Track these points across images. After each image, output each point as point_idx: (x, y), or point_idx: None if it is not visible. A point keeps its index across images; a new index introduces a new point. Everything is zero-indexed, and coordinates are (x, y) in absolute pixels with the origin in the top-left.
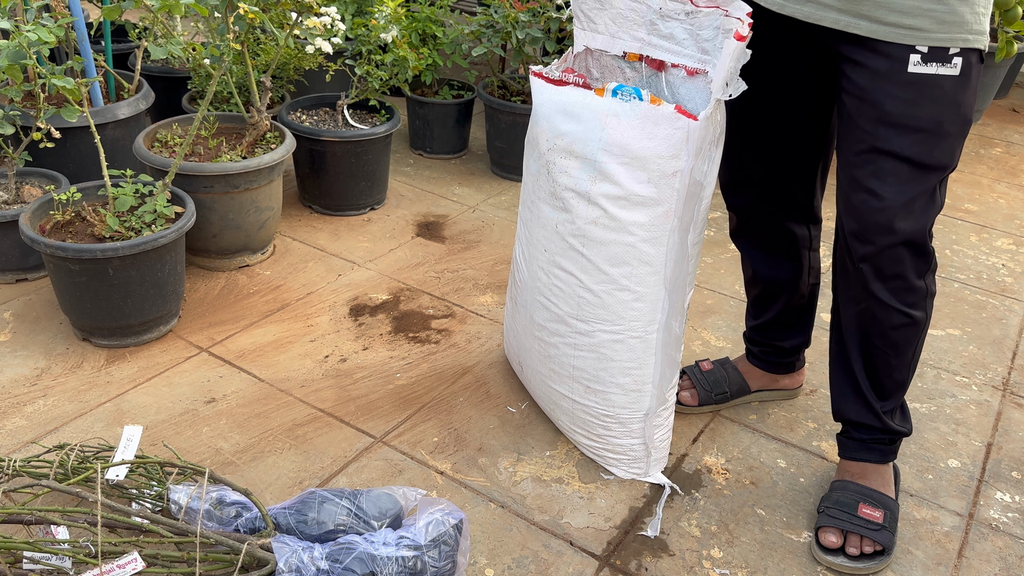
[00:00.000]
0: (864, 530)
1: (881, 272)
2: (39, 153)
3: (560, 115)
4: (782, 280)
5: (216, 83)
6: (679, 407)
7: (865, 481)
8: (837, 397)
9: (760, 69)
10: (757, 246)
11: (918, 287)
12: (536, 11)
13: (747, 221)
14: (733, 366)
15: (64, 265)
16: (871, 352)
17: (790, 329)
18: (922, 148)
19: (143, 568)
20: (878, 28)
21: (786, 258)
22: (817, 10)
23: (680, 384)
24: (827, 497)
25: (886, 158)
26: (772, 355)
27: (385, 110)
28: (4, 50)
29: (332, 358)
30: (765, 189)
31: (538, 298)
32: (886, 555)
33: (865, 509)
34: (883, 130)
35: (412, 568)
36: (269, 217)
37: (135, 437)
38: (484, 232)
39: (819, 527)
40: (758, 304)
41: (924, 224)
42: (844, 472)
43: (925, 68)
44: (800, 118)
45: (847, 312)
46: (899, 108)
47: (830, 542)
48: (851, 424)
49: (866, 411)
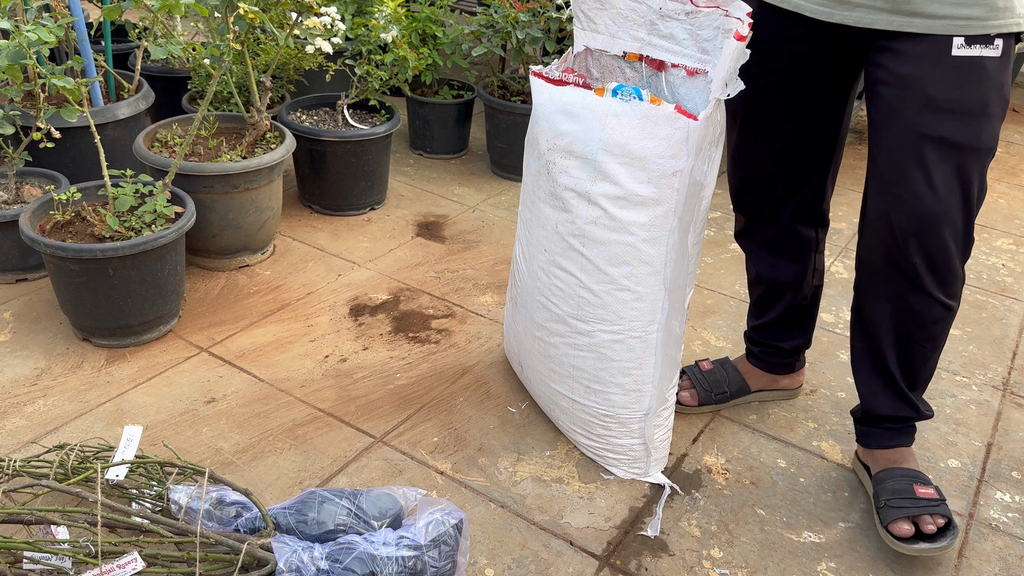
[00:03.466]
0: (929, 508)
1: (934, 264)
2: (39, 153)
3: (560, 115)
4: (786, 281)
5: (216, 83)
6: (678, 407)
7: (906, 464)
8: (869, 396)
9: (780, 73)
10: (763, 247)
11: (960, 275)
12: (536, 11)
13: (755, 223)
14: (733, 366)
15: (64, 265)
16: (908, 347)
17: (791, 330)
18: (971, 132)
19: (143, 568)
20: (932, 23)
21: (792, 259)
22: (868, 14)
23: (680, 384)
24: (882, 490)
25: (935, 145)
26: (772, 355)
27: (385, 110)
28: (4, 50)
29: (332, 358)
30: (776, 191)
31: (538, 298)
32: (954, 527)
33: (920, 489)
34: (930, 116)
35: (412, 568)
36: (269, 217)
37: (135, 437)
38: (484, 232)
39: (889, 521)
40: (760, 304)
41: (974, 210)
42: (883, 461)
43: (969, 51)
44: (817, 120)
45: (879, 310)
46: (946, 92)
47: (904, 531)
48: (886, 418)
49: (901, 404)
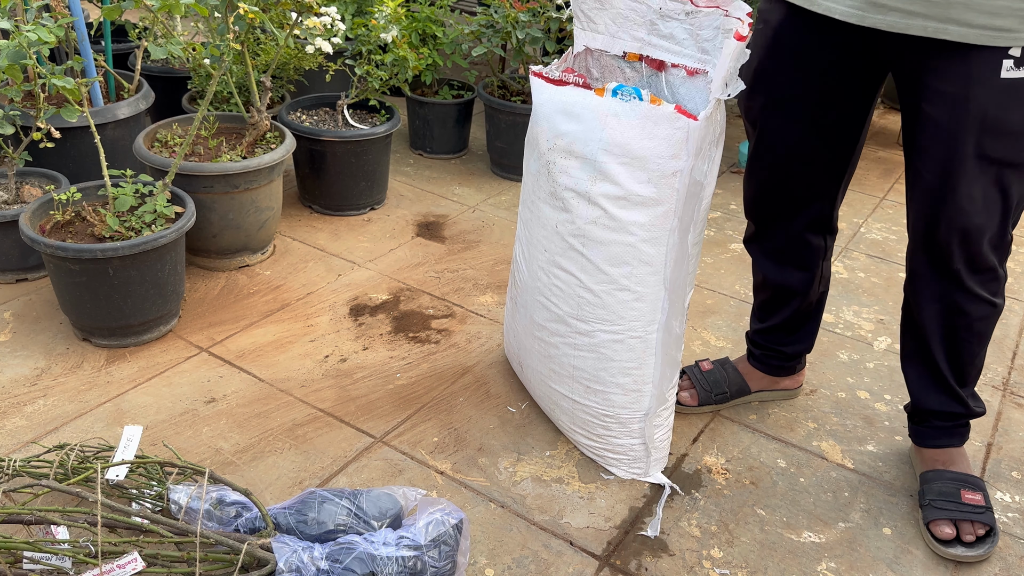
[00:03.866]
0: (973, 515)
1: (976, 268)
2: (39, 153)
3: (560, 115)
4: (794, 288)
5: (216, 83)
6: (678, 407)
7: (955, 467)
8: (918, 390)
9: (805, 81)
10: (772, 255)
11: (1001, 276)
12: (536, 11)
13: (766, 230)
14: (733, 367)
15: (64, 265)
16: (956, 344)
17: (794, 334)
18: (1016, 150)
19: (143, 568)
20: (967, 31)
21: (800, 268)
22: (903, 19)
23: (680, 384)
24: (928, 490)
25: (979, 161)
26: (774, 359)
27: (385, 110)
28: (4, 50)
29: (332, 358)
30: (792, 201)
31: (538, 298)
32: (995, 535)
33: (968, 495)
34: (978, 135)
35: (412, 568)
36: (269, 217)
37: (135, 437)
38: (484, 232)
39: (930, 521)
40: (765, 309)
41: (1014, 220)
42: (932, 462)
43: (1018, 72)
44: (840, 129)
45: (928, 311)
46: (995, 112)
47: (945, 534)
48: (933, 414)
49: (950, 399)
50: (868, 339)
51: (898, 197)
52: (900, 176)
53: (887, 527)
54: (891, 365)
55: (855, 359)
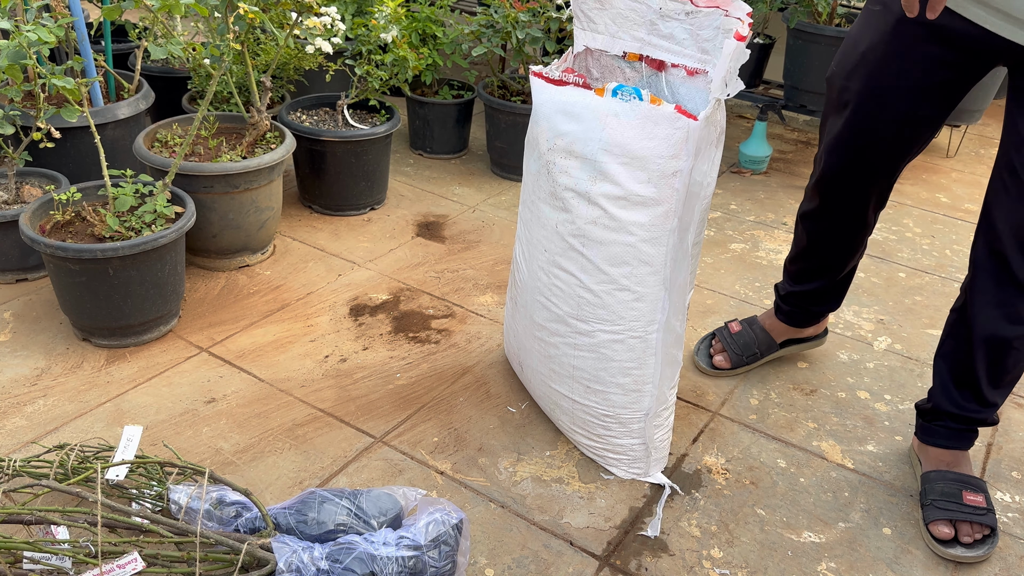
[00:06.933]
0: (974, 516)
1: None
2: (39, 153)
3: (560, 115)
4: (840, 261)
5: (216, 83)
6: (714, 371)
7: (959, 468)
8: (942, 390)
9: (914, 79)
10: (829, 232)
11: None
12: (536, 11)
13: (832, 207)
14: (760, 325)
15: (64, 265)
16: (1005, 352)
17: (825, 297)
18: None
19: (143, 568)
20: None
21: (852, 243)
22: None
23: (713, 348)
24: (930, 489)
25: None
26: (801, 315)
27: (385, 110)
28: (4, 50)
29: (332, 358)
30: (870, 183)
31: (538, 298)
32: (995, 536)
33: (969, 496)
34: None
35: (412, 568)
36: (269, 217)
37: (135, 437)
38: (484, 232)
39: (930, 521)
40: (802, 275)
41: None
42: (936, 461)
43: None
44: (930, 122)
45: (987, 315)
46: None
47: (944, 534)
48: (950, 416)
49: (974, 404)
50: (868, 339)
51: (898, 197)
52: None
53: (887, 527)
54: (891, 365)
55: (855, 359)
